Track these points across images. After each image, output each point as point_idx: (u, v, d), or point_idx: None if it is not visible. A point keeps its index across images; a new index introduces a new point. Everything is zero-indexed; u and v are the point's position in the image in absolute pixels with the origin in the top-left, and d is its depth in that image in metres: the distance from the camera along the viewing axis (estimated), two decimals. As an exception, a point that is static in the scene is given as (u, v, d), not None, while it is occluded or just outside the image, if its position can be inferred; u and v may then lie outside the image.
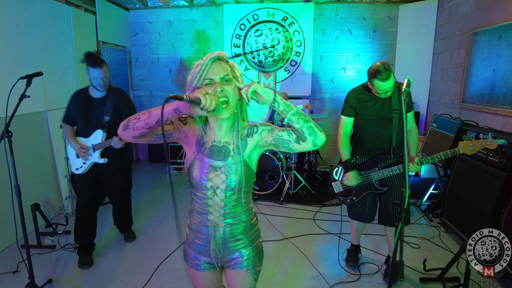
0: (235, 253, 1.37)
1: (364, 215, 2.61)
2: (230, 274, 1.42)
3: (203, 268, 1.41)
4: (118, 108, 2.75)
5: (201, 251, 1.38)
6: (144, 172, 5.69)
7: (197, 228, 1.37)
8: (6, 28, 3.20)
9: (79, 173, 2.81)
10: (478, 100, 3.74)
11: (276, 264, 2.85)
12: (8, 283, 2.56)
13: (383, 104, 2.40)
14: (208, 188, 1.28)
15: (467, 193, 3.03)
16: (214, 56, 1.20)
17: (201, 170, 1.27)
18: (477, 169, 2.94)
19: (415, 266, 2.77)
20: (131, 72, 6.01)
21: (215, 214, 1.31)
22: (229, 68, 1.24)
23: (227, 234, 1.33)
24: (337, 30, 5.39)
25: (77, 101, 2.71)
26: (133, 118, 1.18)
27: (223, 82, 1.20)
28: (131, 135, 1.19)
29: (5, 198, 2.64)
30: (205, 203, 1.30)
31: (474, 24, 3.73)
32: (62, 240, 3.22)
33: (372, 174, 2.47)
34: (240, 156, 1.27)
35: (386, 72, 2.19)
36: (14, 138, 2.17)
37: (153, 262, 2.86)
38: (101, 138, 2.72)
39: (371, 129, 2.48)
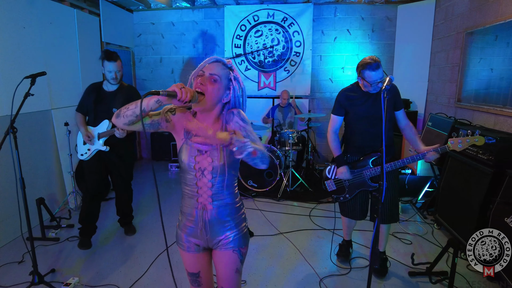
0: (221, 234, 1.49)
1: (355, 213, 2.68)
2: (217, 255, 1.53)
3: (194, 250, 1.54)
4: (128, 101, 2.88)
5: (192, 233, 1.51)
6: (146, 169, 5.84)
7: (188, 211, 1.49)
8: (13, 30, 3.34)
9: (84, 158, 3.06)
10: (473, 99, 3.78)
11: (270, 258, 2.94)
12: (14, 272, 2.69)
13: (373, 102, 2.46)
14: (196, 170, 1.41)
15: (458, 190, 3.09)
16: (217, 58, 1.39)
17: (189, 154, 1.42)
18: (467, 166, 3.00)
19: (405, 261, 2.84)
20: (135, 72, 6.16)
21: (204, 196, 1.44)
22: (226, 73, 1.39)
23: (214, 216, 1.45)
24: (336, 30, 5.47)
25: (91, 93, 2.97)
26: (124, 107, 1.36)
27: (210, 79, 1.36)
28: (121, 122, 1.36)
29: (12, 193, 2.78)
30: (195, 184, 1.43)
31: (468, 24, 3.78)
32: (66, 234, 3.36)
33: (364, 172, 2.53)
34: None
35: (375, 62, 2.27)
36: (20, 135, 2.29)
37: (152, 255, 2.97)
38: (106, 127, 2.96)
39: (361, 127, 2.54)
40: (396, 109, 2.51)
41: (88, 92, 2.99)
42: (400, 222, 3.61)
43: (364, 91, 2.46)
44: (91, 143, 2.99)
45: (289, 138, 4.45)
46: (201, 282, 1.61)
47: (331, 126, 2.62)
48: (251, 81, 5.77)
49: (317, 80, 5.67)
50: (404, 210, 3.91)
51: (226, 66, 1.40)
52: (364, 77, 2.36)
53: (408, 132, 2.54)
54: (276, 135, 4.78)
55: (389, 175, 2.50)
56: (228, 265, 1.52)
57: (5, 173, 3.09)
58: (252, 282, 2.59)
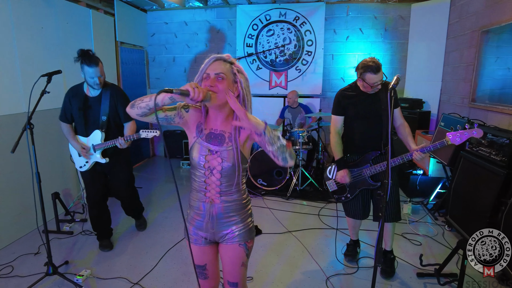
0: (227, 228, 1.53)
1: (357, 213, 2.68)
2: (223, 248, 1.58)
3: (201, 242, 1.58)
4: (116, 105, 2.78)
5: (199, 226, 1.55)
6: (159, 166, 5.94)
7: (196, 204, 1.54)
8: (32, 30, 3.47)
9: (83, 170, 2.92)
10: (488, 99, 3.70)
11: (277, 255, 2.96)
12: (30, 263, 2.80)
13: (372, 101, 2.47)
14: (206, 168, 1.46)
15: (470, 191, 3.04)
16: (216, 56, 1.41)
17: (200, 152, 1.45)
18: (479, 167, 2.94)
19: (413, 262, 2.81)
20: (148, 71, 6.26)
21: (212, 192, 1.48)
22: (229, 68, 1.40)
23: (222, 210, 1.49)
24: (348, 29, 5.43)
25: (72, 99, 2.73)
26: (139, 99, 1.40)
27: (217, 78, 1.37)
28: (135, 112, 1.41)
29: (29, 187, 2.88)
30: (203, 181, 1.48)
31: (484, 22, 3.70)
32: (79, 227, 3.46)
33: (364, 170, 2.54)
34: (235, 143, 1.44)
35: (376, 65, 2.28)
36: (37, 131, 2.37)
37: (162, 249, 3.04)
38: (100, 139, 2.77)
39: (360, 126, 2.55)
40: (394, 107, 2.50)
41: (69, 98, 2.72)
42: (411, 223, 3.57)
43: (363, 91, 2.47)
44: (88, 156, 2.80)
45: (299, 138, 4.45)
46: (208, 275, 1.65)
47: (334, 127, 2.63)
48: (262, 80, 5.79)
49: (329, 79, 5.64)
50: (415, 211, 3.87)
51: (227, 62, 1.42)
52: (365, 79, 2.37)
53: (402, 131, 2.55)
54: (286, 134, 4.79)
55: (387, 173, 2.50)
56: (234, 259, 1.56)
57: (22, 168, 3.21)
58: (259, 279, 2.62)
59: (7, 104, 3.18)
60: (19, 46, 3.29)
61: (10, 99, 3.21)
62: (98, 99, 2.75)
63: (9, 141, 2.92)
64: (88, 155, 2.81)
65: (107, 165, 2.91)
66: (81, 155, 2.83)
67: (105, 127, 2.78)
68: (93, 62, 2.56)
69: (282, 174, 4.47)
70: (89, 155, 2.81)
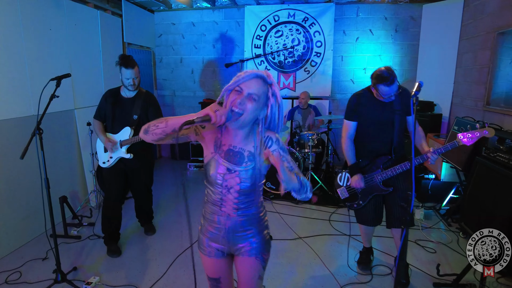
0: (244, 241, 1.47)
1: (369, 219, 2.63)
2: (239, 261, 1.52)
3: (215, 255, 1.52)
4: (147, 108, 2.94)
5: (213, 238, 1.49)
6: (166, 169, 5.90)
7: (210, 217, 1.48)
8: (40, 32, 3.43)
9: (106, 166, 2.99)
10: (503, 103, 3.62)
11: (289, 263, 2.90)
12: (39, 268, 2.76)
13: (385, 107, 2.41)
14: (223, 187, 1.39)
15: (487, 198, 2.95)
16: (258, 73, 1.28)
17: (217, 170, 1.38)
18: (497, 173, 2.86)
19: (429, 270, 2.74)
20: (155, 72, 6.22)
21: (228, 208, 1.42)
22: (265, 89, 1.30)
23: (238, 224, 1.44)
24: (358, 30, 5.35)
25: (109, 99, 2.91)
26: (153, 124, 1.32)
27: (250, 98, 1.27)
28: (149, 138, 1.35)
29: (37, 190, 2.85)
30: (219, 198, 1.42)
31: (500, 24, 3.61)
32: (87, 231, 3.42)
33: (376, 176, 2.48)
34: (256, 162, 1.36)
35: (390, 77, 2.22)
36: (45, 134, 2.34)
37: (170, 256, 2.99)
38: (128, 135, 2.90)
39: (373, 132, 2.49)
40: (408, 114, 2.45)
41: (105, 98, 2.94)
42: (423, 229, 3.49)
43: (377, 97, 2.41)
44: (113, 150, 2.92)
45: (309, 140, 4.39)
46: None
47: (346, 132, 2.57)
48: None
49: (338, 81, 5.57)
50: (427, 216, 3.78)
51: (266, 82, 1.31)
52: (378, 90, 2.32)
53: (416, 136, 2.45)
54: (295, 136, 4.72)
55: (399, 178, 2.45)
56: (251, 272, 1.51)
57: (30, 171, 3.17)
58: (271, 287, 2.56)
59: (16, 106, 3.14)
60: (27, 47, 3.26)
61: (18, 101, 3.17)
62: (132, 101, 2.92)
63: (18, 144, 2.90)
64: (114, 149, 2.91)
65: (130, 163, 2.98)
66: (106, 150, 2.96)
67: (136, 125, 2.91)
68: (130, 64, 2.77)
69: (291, 178, 4.40)
70: (114, 149, 2.91)
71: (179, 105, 6.27)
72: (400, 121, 2.41)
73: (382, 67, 2.29)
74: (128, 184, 3.15)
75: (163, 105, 6.25)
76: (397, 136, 2.44)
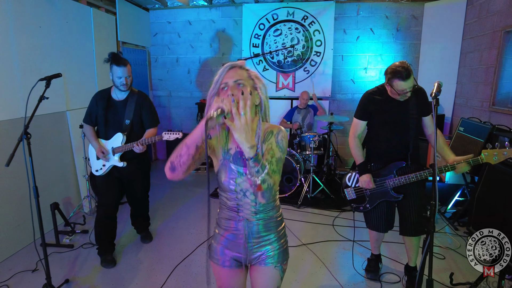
0: (262, 249, 1.38)
1: (381, 225, 2.50)
2: (256, 271, 1.42)
3: (229, 265, 1.42)
4: (140, 111, 2.78)
5: (229, 245, 1.40)
6: (162, 171, 5.72)
7: (227, 224, 1.39)
8: (30, 29, 3.25)
9: (99, 174, 2.83)
10: (510, 103, 3.53)
11: (294, 272, 2.76)
12: (28, 281, 2.59)
13: (399, 108, 2.27)
14: (238, 192, 1.33)
15: (497, 201, 2.85)
16: (231, 64, 1.28)
17: (228, 176, 1.32)
18: (508, 176, 2.76)
19: (440, 278, 2.62)
20: (151, 72, 6.05)
21: (246, 212, 1.35)
22: (246, 74, 1.28)
23: (256, 230, 1.36)
24: (359, 29, 5.24)
25: (99, 102, 2.72)
26: (174, 158, 1.22)
27: (237, 86, 1.24)
28: (181, 172, 1.23)
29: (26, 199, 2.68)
30: (235, 204, 1.35)
31: (507, 22, 3.52)
32: (80, 239, 3.25)
33: (387, 181, 2.35)
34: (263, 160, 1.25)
35: (406, 71, 2.09)
36: (36, 137, 2.19)
37: (169, 264, 2.84)
38: (121, 142, 2.73)
39: (386, 134, 2.36)
40: (423, 115, 2.32)
41: (96, 101, 2.73)
42: (430, 233, 3.38)
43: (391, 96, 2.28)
44: (106, 159, 2.76)
45: (310, 142, 4.26)
46: None
47: (354, 131, 2.44)
48: (269, 81, 5.58)
49: (339, 81, 5.45)
50: (433, 220, 3.67)
51: (243, 69, 1.30)
52: (393, 86, 2.18)
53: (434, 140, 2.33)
54: (296, 138, 4.59)
55: (413, 184, 2.31)
56: (269, 282, 1.41)
57: (19, 178, 3.00)
58: (276, 299, 2.43)
59: (5, 108, 2.97)
60: (17, 46, 3.08)
61: (7, 103, 2.99)
62: (123, 103, 2.73)
63: (7, 148, 2.72)
64: (106, 158, 2.74)
65: (125, 171, 2.82)
66: (99, 158, 2.77)
67: (128, 131, 2.73)
68: (122, 62, 2.59)
69: (292, 181, 4.28)
70: (107, 157, 2.75)
71: (175, 106, 6.10)
72: (416, 125, 2.28)
73: (397, 62, 2.16)
74: (124, 190, 2.99)
75: (159, 106, 6.09)
76: (413, 141, 2.31)
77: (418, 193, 2.33)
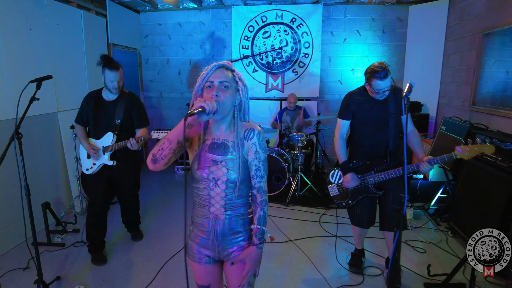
0: (233, 246, 1.43)
1: (363, 221, 2.61)
2: (229, 267, 1.48)
3: (205, 261, 1.48)
4: (130, 111, 2.84)
5: (203, 244, 1.45)
6: (154, 172, 5.78)
7: (199, 221, 1.44)
8: (19, 32, 3.30)
9: (89, 173, 2.88)
10: (489, 103, 3.66)
11: (280, 266, 2.86)
12: (19, 279, 2.64)
13: (380, 107, 2.39)
14: (210, 180, 1.38)
15: (476, 197, 2.98)
16: (218, 64, 1.36)
17: (203, 164, 1.38)
18: (486, 173, 2.88)
19: (420, 271, 2.74)
20: (142, 73, 6.10)
21: (216, 206, 1.39)
22: (231, 76, 1.37)
23: (227, 227, 1.41)
24: (346, 31, 5.36)
25: (90, 102, 2.78)
26: (156, 151, 1.32)
27: (221, 87, 1.33)
28: (162, 164, 1.34)
29: (17, 198, 2.74)
30: (207, 194, 1.39)
31: (486, 25, 3.66)
32: (71, 238, 3.31)
33: (368, 178, 2.46)
34: (239, 153, 1.37)
35: (383, 71, 2.20)
36: (26, 138, 2.24)
37: (159, 262, 2.91)
38: (111, 141, 2.78)
39: (367, 133, 2.47)
40: (402, 114, 2.40)
41: (87, 102, 2.79)
42: (413, 229, 3.50)
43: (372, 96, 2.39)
44: (96, 157, 2.81)
45: (298, 142, 4.36)
46: None
47: (338, 131, 2.55)
48: (259, 83, 5.68)
49: (326, 81, 5.57)
50: (416, 216, 3.80)
51: (229, 70, 1.38)
52: (371, 85, 2.29)
53: (410, 138, 2.44)
54: (284, 138, 4.69)
55: (392, 181, 2.42)
56: (241, 278, 1.45)
57: (10, 177, 3.04)
58: (262, 293, 2.52)
59: (-6, 110, 3.02)
60: (5, 48, 3.12)
61: (-3, 104, 3.04)
62: (114, 104, 2.79)
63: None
64: (96, 156, 2.79)
65: (115, 170, 2.87)
66: (90, 156, 2.83)
67: (118, 130, 2.79)
68: (115, 66, 2.65)
69: (281, 180, 4.37)
70: (97, 156, 2.80)
71: (166, 106, 6.16)
72: (395, 124, 2.38)
73: (376, 63, 2.28)
74: (114, 189, 3.05)
75: (150, 107, 6.14)
76: (393, 140, 2.42)
77: (397, 189, 2.43)
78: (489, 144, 2.11)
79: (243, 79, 1.42)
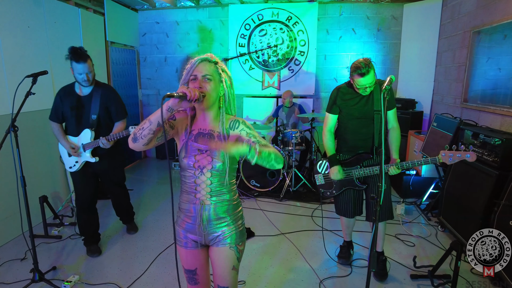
0: (218, 230, 1.50)
1: (348, 210, 2.67)
2: (214, 251, 1.54)
3: (191, 246, 1.55)
4: (107, 104, 2.79)
5: (189, 229, 1.52)
6: (151, 168, 5.87)
7: (186, 207, 1.51)
8: (18, 30, 3.38)
9: (73, 171, 2.87)
10: (480, 100, 3.72)
11: (270, 258, 2.92)
12: (16, 269, 2.72)
13: (366, 102, 2.45)
14: (196, 168, 1.45)
15: (462, 192, 3.04)
16: (201, 57, 1.41)
17: (190, 152, 1.46)
18: (472, 168, 2.94)
19: (407, 263, 2.80)
20: (139, 71, 6.18)
21: (202, 193, 1.47)
22: (213, 68, 1.43)
23: (212, 212, 1.47)
24: (341, 29, 5.42)
25: (63, 98, 2.72)
26: (138, 130, 1.38)
27: (204, 80, 1.40)
28: (141, 144, 1.39)
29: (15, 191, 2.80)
30: (193, 181, 1.47)
31: (475, 23, 3.71)
32: (68, 231, 3.39)
33: (353, 171, 2.53)
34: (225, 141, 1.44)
35: (365, 68, 2.24)
36: (24, 133, 2.31)
37: (153, 253, 2.98)
38: (89, 138, 2.75)
39: (353, 127, 2.54)
40: (388, 109, 2.48)
41: (60, 97, 2.71)
42: (404, 224, 3.57)
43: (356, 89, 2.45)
44: (77, 155, 2.77)
45: (292, 138, 4.42)
46: (198, 280, 1.61)
47: (326, 125, 2.62)
48: (255, 80, 5.75)
49: (322, 79, 5.63)
50: (408, 211, 3.86)
51: (211, 62, 1.43)
52: (354, 81, 2.36)
53: (390, 135, 2.51)
54: (279, 134, 4.75)
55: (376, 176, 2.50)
56: (224, 262, 1.53)
57: (8, 171, 3.12)
58: (251, 283, 2.58)
59: (-8, 105, 3.09)
60: (4, 45, 3.20)
61: (-5, 100, 3.12)
62: (89, 98, 2.73)
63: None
64: (78, 154, 2.78)
65: (99, 165, 2.87)
66: (71, 155, 2.81)
67: (95, 126, 2.77)
68: (82, 58, 2.56)
69: (275, 175, 4.44)
70: (78, 154, 2.78)
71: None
72: (381, 122, 2.44)
73: (361, 59, 2.31)
74: (101, 183, 3.07)
75: (148, 104, 6.22)
76: (378, 135, 2.48)
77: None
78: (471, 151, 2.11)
79: (227, 70, 1.49)
